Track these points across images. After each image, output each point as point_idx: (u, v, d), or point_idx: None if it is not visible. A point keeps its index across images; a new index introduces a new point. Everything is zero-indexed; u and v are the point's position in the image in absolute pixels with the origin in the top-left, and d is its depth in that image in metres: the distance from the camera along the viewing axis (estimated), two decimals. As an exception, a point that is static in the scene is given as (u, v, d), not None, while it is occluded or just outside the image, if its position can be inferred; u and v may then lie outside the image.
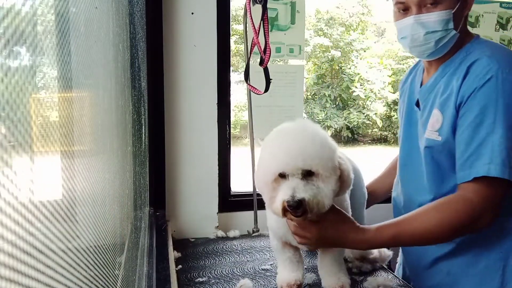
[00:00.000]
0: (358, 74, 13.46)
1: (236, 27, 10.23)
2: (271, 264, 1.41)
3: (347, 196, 1.19)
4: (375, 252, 1.47)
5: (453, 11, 1.12)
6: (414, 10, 1.14)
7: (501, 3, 2.24)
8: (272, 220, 1.16)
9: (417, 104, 1.28)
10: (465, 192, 1.09)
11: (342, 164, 1.05)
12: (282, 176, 0.99)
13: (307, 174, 0.98)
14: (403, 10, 1.16)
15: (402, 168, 1.36)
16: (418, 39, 1.15)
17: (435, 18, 1.12)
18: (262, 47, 1.50)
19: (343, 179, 1.04)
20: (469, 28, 1.26)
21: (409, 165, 1.32)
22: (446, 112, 1.14)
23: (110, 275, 0.68)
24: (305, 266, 1.32)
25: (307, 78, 13.18)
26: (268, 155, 1.03)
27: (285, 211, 0.99)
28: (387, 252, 1.44)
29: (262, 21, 1.50)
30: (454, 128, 1.12)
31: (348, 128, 13.05)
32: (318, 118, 13.14)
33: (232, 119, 2.52)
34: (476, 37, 1.23)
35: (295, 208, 0.96)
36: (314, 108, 13.25)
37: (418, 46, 1.17)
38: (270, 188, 1.01)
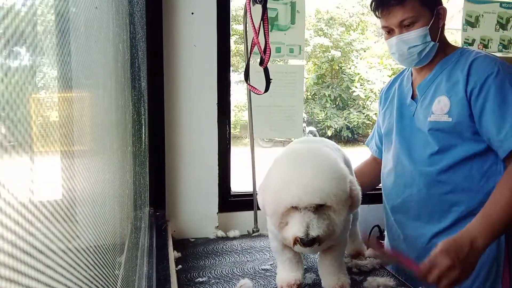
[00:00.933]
0: (358, 74, 13.46)
1: (236, 27, 10.23)
2: (271, 264, 1.41)
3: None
4: (372, 253, 1.47)
5: (428, 27, 1.34)
6: (396, 31, 1.36)
7: (501, 3, 2.25)
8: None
9: (412, 98, 1.46)
10: None
11: (353, 190, 1.04)
12: (295, 207, 0.98)
13: (319, 206, 0.97)
14: (388, 32, 1.40)
15: (399, 156, 1.47)
16: (403, 53, 1.38)
17: (414, 35, 1.34)
18: (262, 47, 1.50)
19: (353, 203, 1.05)
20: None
21: (411, 150, 1.43)
22: (454, 97, 1.32)
23: (110, 275, 0.68)
24: (305, 266, 1.32)
25: (307, 78, 13.18)
26: (281, 184, 1.00)
27: (295, 243, 0.98)
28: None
29: (262, 21, 1.50)
30: (466, 110, 1.30)
31: (348, 128, 13.04)
32: (318, 118, 13.14)
33: (232, 119, 2.52)
34: (462, 47, 1.46)
35: (309, 245, 0.97)
36: (314, 108, 13.25)
37: (405, 59, 1.40)
38: (279, 215, 1.00)
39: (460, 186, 1.34)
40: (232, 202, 1.82)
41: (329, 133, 12.73)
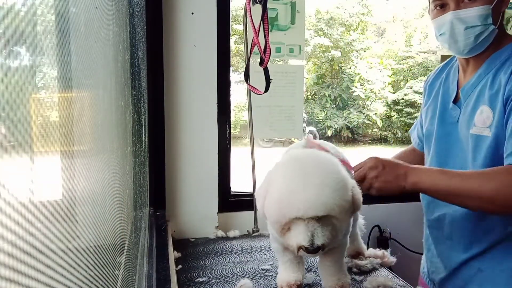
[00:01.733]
0: (358, 74, 13.46)
1: (236, 27, 10.23)
2: (271, 264, 1.41)
3: None
4: (373, 253, 1.47)
5: (491, 6, 1.13)
6: (452, 6, 1.15)
7: (501, 3, 2.24)
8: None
9: (455, 102, 1.28)
10: None
11: (355, 194, 1.03)
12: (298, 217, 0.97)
13: (323, 215, 0.97)
14: (440, 7, 1.17)
15: (441, 165, 1.30)
16: (458, 34, 1.16)
17: (474, 13, 1.13)
18: (262, 47, 1.50)
19: (355, 207, 1.04)
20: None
21: (449, 162, 1.28)
22: (496, 108, 1.14)
23: (110, 275, 0.68)
24: (306, 266, 1.32)
25: (307, 78, 13.18)
26: (285, 195, 0.97)
27: (299, 250, 0.98)
28: (391, 258, 1.45)
29: (262, 21, 1.50)
30: (503, 123, 1.12)
31: (348, 128, 13.05)
32: (318, 118, 13.15)
33: (232, 119, 2.52)
34: None
35: (313, 253, 0.97)
36: (314, 108, 13.25)
37: (457, 42, 1.18)
38: (281, 225, 0.99)
39: None
40: (232, 202, 1.82)
41: (329, 133, 12.74)
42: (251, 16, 1.51)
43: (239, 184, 1.94)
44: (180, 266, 1.39)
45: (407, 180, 1.11)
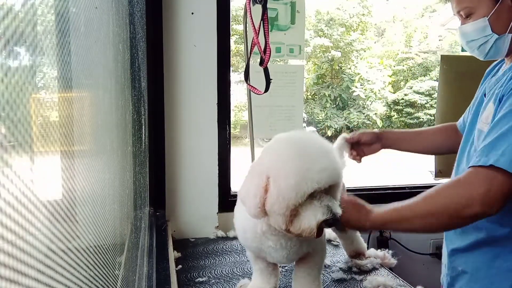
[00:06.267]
0: (358, 74, 13.47)
1: (236, 27, 10.23)
2: (271, 264, 1.41)
3: None
4: (373, 253, 1.47)
5: (488, 18, 1.16)
6: (460, 20, 1.22)
7: (501, 3, 2.24)
8: (248, 234, 1.10)
9: (485, 95, 1.29)
10: (464, 177, 1.06)
11: None
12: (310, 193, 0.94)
13: (329, 189, 0.96)
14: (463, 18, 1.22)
15: (461, 155, 1.32)
16: (466, 47, 1.25)
17: (470, 28, 1.19)
18: (262, 47, 1.50)
19: (343, 188, 1.05)
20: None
21: (467, 151, 1.28)
22: (497, 105, 1.15)
23: (110, 275, 0.68)
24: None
25: (307, 78, 13.18)
26: (299, 172, 0.94)
27: (319, 230, 0.95)
28: (391, 260, 1.45)
29: (262, 21, 1.50)
30: None
31: (348, 128, 13.05)
32: (318, 118, 13.15)
33: (232, 119, 2.52)
34: None
35: (334, 225, 0.96)
36: (314, 108, 13.26)
37: (472, 52, 1.25)
38: (293, 208, 0.95)
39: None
40: (232, 202, 1.81)
41: (329, 133, 12.74)
42: (251, 16, 1.51)
43: (239, 184, 1.93)
44: (180, 266, 1.39)
45: (367, 222, 1.13)
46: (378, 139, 1.45)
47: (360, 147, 1.46)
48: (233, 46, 10.06)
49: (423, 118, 13.32)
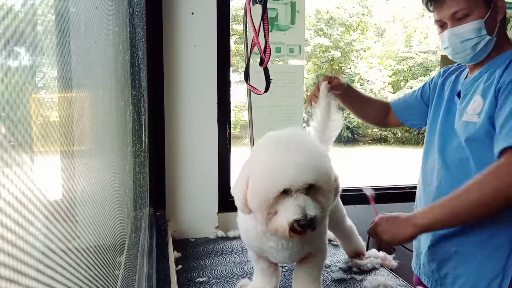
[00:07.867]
0: (358, 74, 13.46)
1: (236, 27, 10.23)
2: (271, 264, 1.41)
3: None
4: (373, 254, 1.47)
5: (484, 20, 1.25)
6: (449, 24, 1.29)
7: (501, 3, 2.24)
8: (250, 234, 1.10)
9: (458, 95, 1.38)
10: (506, 159, 1.13)
11: (335, 174, 1.02)
12: (285, 192, 0.92)
13: (309, 189, 0.93)
14: (441, 26, 1.33)
15: (440, 152, 1.38)
16: (456, 47, 1.30)
17: (467, 28, 1.26)
18: (262, 47, 1.50)
19: (337, 189, 1.03)
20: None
21: (448, 149, 1.36)
22: (487, 98, 1.24)
23: (110, 275, 0.68)
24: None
25: (307, 78, 13.18)
26: (271, 167, 0.93)
27: (292, 231, 0.92)
28: (392, 262, 1.45)
29: (262, 21, 1.50)
30: (491, 112, 1.21)
31: (348, 128, 13.04)
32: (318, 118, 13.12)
33: (232, 119, 2.52)
34: None
35: (307, 227, 0.90)
36: (314, 108, 13.24)
37: (458, 53, 1.32)
38: (268, 205, 0.93)
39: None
40: (232, 202, 1.80)
41: (329, 133, 12.72)
42: (251, 16, 1.51)
43: (239, 184, 1.93)
44: (180, 266, 1.39)
45: (411, 226, 1.18)
46: (345, 90, 1.54)
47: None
48: (233, 46, 10.06)
49: (423, 118, 13.29)
